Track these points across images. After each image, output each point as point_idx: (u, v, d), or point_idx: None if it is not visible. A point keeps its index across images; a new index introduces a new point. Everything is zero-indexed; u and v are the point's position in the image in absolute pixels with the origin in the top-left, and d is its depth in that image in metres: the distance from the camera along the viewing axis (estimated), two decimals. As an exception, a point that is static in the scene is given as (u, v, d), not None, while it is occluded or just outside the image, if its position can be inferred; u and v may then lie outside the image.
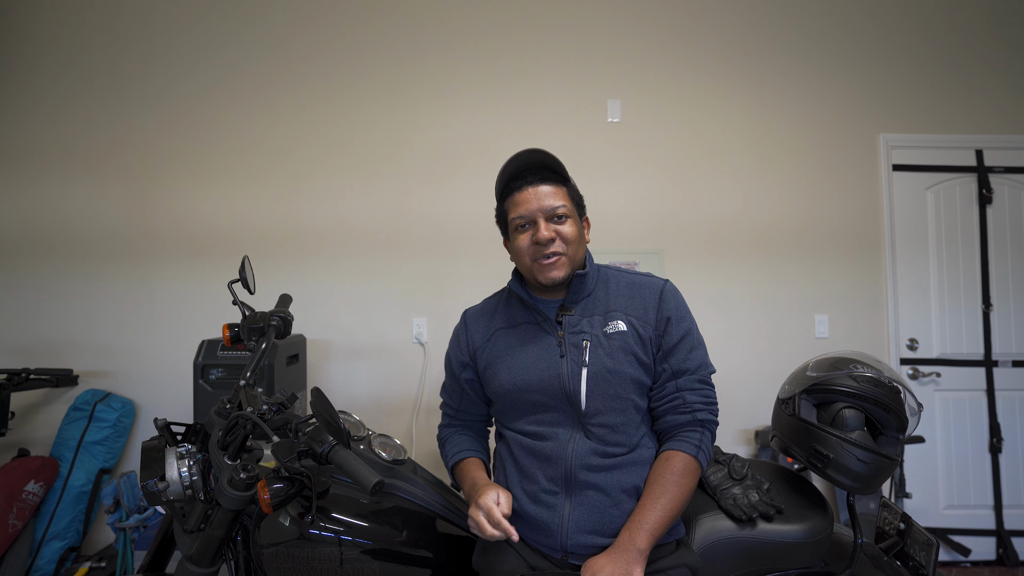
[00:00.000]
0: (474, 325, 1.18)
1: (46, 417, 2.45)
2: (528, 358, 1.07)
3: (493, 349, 1.12)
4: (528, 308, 1.11)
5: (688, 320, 1.09)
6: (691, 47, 2.69)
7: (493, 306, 1.19)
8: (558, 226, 1.05)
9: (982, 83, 2.73)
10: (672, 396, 1.06)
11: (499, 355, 1.11)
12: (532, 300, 1.10)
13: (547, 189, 1.06)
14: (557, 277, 1.05)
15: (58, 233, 2.53)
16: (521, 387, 1.06)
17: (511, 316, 1.14)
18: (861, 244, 2.67)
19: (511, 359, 1.09)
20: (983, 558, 2.56)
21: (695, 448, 1.02)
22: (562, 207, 1.05)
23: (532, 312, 1.11)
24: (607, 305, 1.08)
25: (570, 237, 1.05)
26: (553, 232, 1.04)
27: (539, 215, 1.05)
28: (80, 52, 2.58)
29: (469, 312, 1.21)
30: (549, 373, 1.04)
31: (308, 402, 1.41)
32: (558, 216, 1.05)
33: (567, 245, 1.05)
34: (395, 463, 1.13)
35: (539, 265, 1.05)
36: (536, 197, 1.05)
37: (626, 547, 0.93)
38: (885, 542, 1.22)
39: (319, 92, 2.61)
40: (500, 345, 1.12)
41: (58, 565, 2.19)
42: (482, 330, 1.16)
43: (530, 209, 1.05)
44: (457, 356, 1.19)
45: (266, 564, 0.99)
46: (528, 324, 1.11)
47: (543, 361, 1.05)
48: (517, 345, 1.09)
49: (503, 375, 1.08)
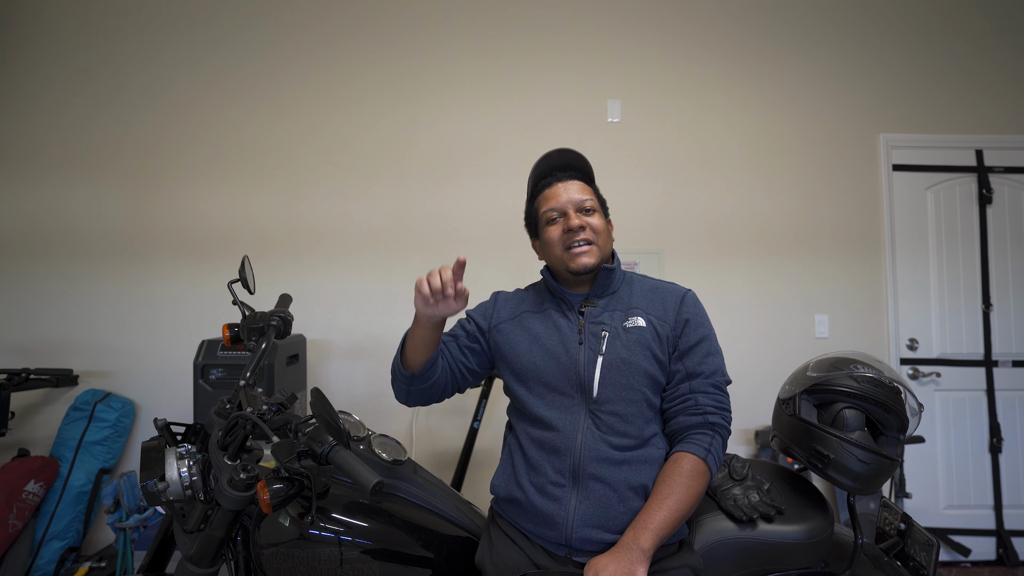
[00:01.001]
0: (503, 305, 1.22)
1: (46, 417, 2.44)
2: (548, 340, 1.11)
3: (517, 327, 1.16)
4: (555, 296, 1.17)
5: (707, 327, 1.12)
6: (691, 47, 2.69)
7: (523, 295, 1.23)
8: (587, 217, 1.11)
9: (982, 83, 2.73)
10: (685, 397, 1.07)
11: (522, 332, 1.15)
12: (560, 289, 1.15)
13: (576, 185, 1.14)
14: (588, 263, 1.09)
15: (58, 233, 2.53)
16: (540, 365, 1.09)
17: (539, 303, 1.19)
18: (861, 244, 2.67)
19: (532, 338, 1.13)
20: (983, 558, 2.56)
21: (704, 451, 1.02)
22: (590, 200, 1.12)
23: (558, 300, 1.16)
24: (629, 303, 1.13)
25: (598, 228, 1.11)
26: (584, 221, 1.10)
27: (569, 207, 1.11)
28: (80, 52, 2.57)
29: (501, 295, 1.25)
30: (566, 357, 1.08)
31: (308, 402, 1.41)
32: (586, 209, 1.12)
33: (596, 235, 1.11)
34: (395, 463, 1.13)
35: (570, 253, 1.10)
36: (566, 191, 1.12)
37: (630, 547, 0.93)
38: (885, 542, 1.22)
39: (319, 91, 2.61)
40: (524, 324, 1.16)
41: (58, 565, 2.19)
42: (510, 309, 1.20)
43: (560, 202, 1.12)
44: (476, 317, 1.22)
45: (266, 564, 0.99)
46: (553, 310, 1.15)
47: (561, 345, 1.09)
48: (540, 326, 1.14)
49: (524, 353, 1.12)
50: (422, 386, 1.12)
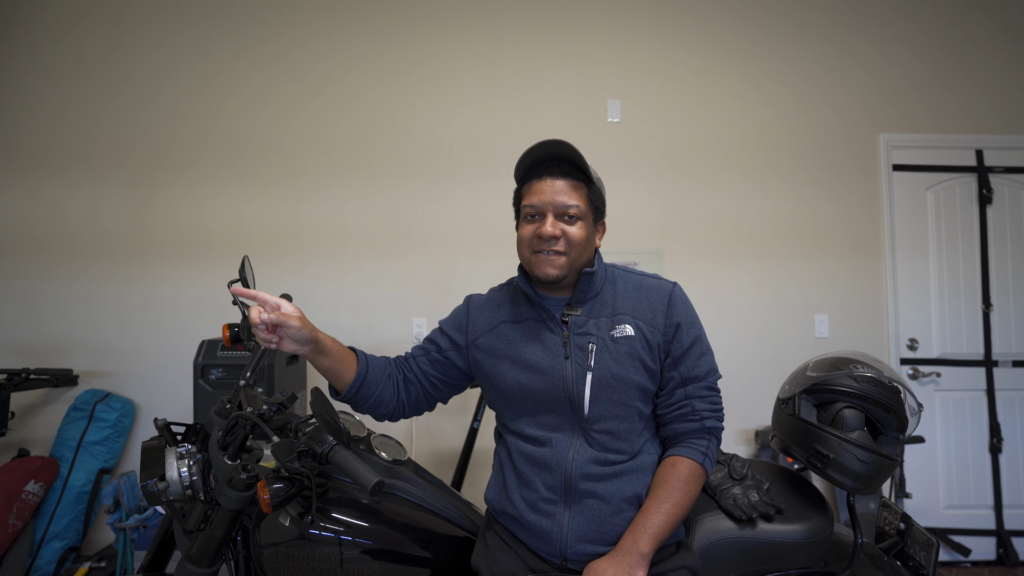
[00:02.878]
0: (477, 314, 1.14)
1: (46, 417, 2.45)
2: (532, 356, 1.04)
3: (496, 342, 1.09)
4: (534, 305, 1.08)
5: (697, 326, 1.07)
6: (691, 47, 2.69)
7: (499, 299, 1.15)
8: (566, 226, 1.01)
9: (982, 83, 2.73)
10: (681, 404, 1.04)
11: (502, 349, 1.08)
12: (537, 297, 1.06)
13: (564, 185, 1.02)
14: (550, 274, 1.02)
15: (58, 233, 2.53)
16: (525, 385, 1.03)
17: (517, 311, 1.10)
18: (861, 244, 2.67)
19: (515, 355, 1.06)
20: (983, 558, 2.56)
21: (702, 455, 1.01)
22: (575, 207, 1.01)
23: (537, 309, 1.07)
24: (614, 307, 1.05)
25: (575, 240, 1.01)
26: (559, 230, 1.00)
27: (549, 209, 1.01)
28: (80, 53, 2.57)
29: (474, 299, 1.17)
30: (553, 375, 1.02)
31: (308, 402, 1.41)
32: (569, 216, 1.01)
33: (570, 247, 1.01)
34: (395, 463, 1.13)
35: (537, 259, 1.03)
36: (551, 190, 1.01)
37: (629, 551, 0.93)
38: (885, 542, 1.22)
39: (319, 91, 2.61)
40: (503, 339, 1.08)
41: (58, 565, 2.19)
42: (485, 320, 1.12)
43: (542, 200, 1.01)
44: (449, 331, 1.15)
45: (266, 564, 0.99)
46: (533, 321, 1.08)
47: (546, 361, 1.03)
48: (521, 341, 1.06)
49: (507, 372, 1.06)
50: (365, 405, 1.07)
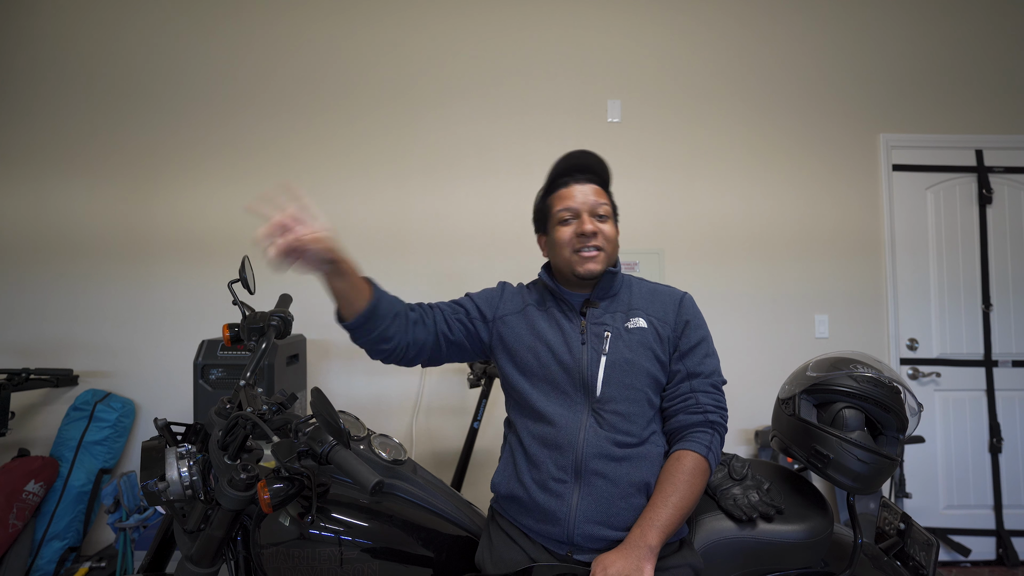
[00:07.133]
0: (509, 297, 1.22)
1: (46, 417, 2.45)
2: (552, 337, 1.11)
3: (522, 320, 1.16)
4: (556, 298, 1.17)
5: (705, 329, 1.15)
6: (691, 47, 2.69)
7: (527, 289, 1.24)
8: (600, 224, 1.12)
9: (982, 83, 2.73)
10: (685, 396, 1.09)
11: (526, 327, 1.15)
12: (560, 291, 1.15)
13: (593, 188, 1.14)
14: (594, 270, 1.10)
15: (58, 233, 2.53)
16: (543, 360, 1.10)
17: (541, 300, 1.19)
18: (861, 244, 2.67)
19: (537, 332, 1.13)
20: (983, 558, 2.56)
21: (705, 448, 1.04)
22: (604, 206, 1.13)
23: (559, 301, 1.16)
24: (629, 305, 1.15)
25: (609, 236, 1.13)
26: (597, 227, 1.10)
27: (584, 210, 1.11)
28: (80, 53, 2.57)
29: (508, 286, 1.25)
30: (569, 355, 1.08)
31: (308, 402, 1.41)
32: (600, 215, 1.12)
33: (606, 243, 1.11)
34: (395, 463, 1.13)
35: (579, 257, 1.10)
36: (583, 194, 1.13)
37: (637, 543, 0.94)
38: (885, 542, 1.22)
39: (319, 92, 2.61)
40: (528, 319, 1.16)
41: (58, 565, 2.19)
42: (516, 302, 1.20)
43: (576, 203, 1.12)
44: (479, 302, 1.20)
45: (266, 564, 0.99)
46: (554, 309, 1.16)
47: (565, 343, 1.10)
48: (544, 323, 1.14)
49: (527, 344, 1.12)
50: (368, 337, 1.09)
